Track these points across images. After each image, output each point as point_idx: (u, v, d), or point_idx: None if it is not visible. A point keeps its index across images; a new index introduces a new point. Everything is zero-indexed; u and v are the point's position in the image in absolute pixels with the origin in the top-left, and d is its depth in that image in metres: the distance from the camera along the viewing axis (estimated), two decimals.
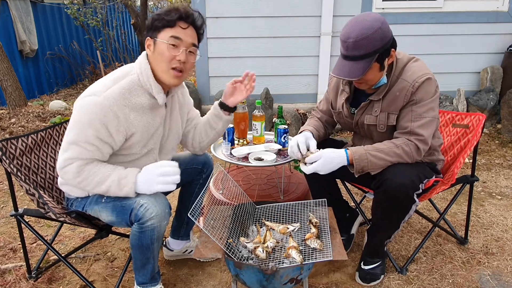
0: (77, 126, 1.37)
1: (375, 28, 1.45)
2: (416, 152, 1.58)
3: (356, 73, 1.50)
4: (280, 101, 4.16)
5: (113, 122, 1.38)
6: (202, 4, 3.91)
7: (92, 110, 1.35)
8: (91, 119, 1.35)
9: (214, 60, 4.18)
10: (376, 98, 1.63)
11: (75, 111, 1.38)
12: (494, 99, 4.07)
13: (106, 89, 1.38)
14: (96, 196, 1.53)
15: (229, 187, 2.22)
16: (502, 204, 2.58)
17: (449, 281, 1.83)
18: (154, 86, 1.46)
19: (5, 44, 5.13)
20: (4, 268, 1.92)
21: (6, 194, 2.76)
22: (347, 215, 2.06)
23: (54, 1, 6.55)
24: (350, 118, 1.78)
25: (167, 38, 1.41)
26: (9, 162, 1.55)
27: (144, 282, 1.59)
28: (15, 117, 4.39)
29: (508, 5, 4.03)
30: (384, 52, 1.50)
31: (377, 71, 1.55)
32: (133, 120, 1.43)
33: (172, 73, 1.45)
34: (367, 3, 4.00)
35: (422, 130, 1.57)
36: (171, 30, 1.41)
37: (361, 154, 1.58)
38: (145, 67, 1.45)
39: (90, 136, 1.37)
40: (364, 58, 1.48)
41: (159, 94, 1.48)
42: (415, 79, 1.54)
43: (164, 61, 1.43)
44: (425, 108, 1.57)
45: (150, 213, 1.40)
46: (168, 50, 1.41)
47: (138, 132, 1.47)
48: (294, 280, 1.43)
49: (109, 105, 1.36)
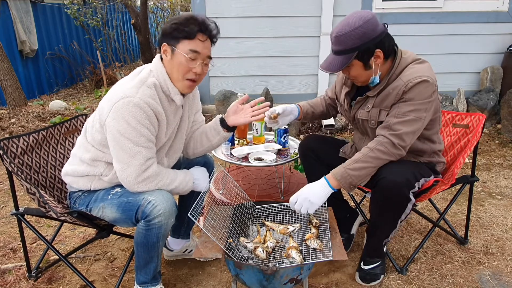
0: (129, 131, 1.38)
1: (355, 26, 1.48)
2: (393, 148, 1.55)
3: (334, 67, 1.56)
4: (280, 101, 4.14)
5: (153, 119, 1.44)
6: (202, 4, 3.90)
7: (137, 112, 1.38)
8: (139, 120, 1.39)
9: (214, 60, 4.16)
10: (372, 94, 1.65)
11: (115, 115, 1.38)
12: (494, 99, 4.07)
13: (137, 89, 1.41)
14: (103, 192, 1.54)
15: (229, 187, 2.22)
16: (502, 204, 2.58)
17: (449, 281, 1.83)
18: (172, 89, 1.50)
19: (5, 44, 5.13)
20: (4, 268, 1.92)
21: (6, 194, 2.76)
22: (347, 215, 2.06)
23: (54, 1, 6.55)
24: (349, 112, 1.80)
25: (186, 50, 1.44)
26: (10, 161, 1.55)
27: (145, 281, 1.59)
28: (15, 117, 4.39)
29: (508, 5, 4.03)
30: (364, 51, 1.52)
31: (361, 69, 1.57)
32: (162, 118, 1.48)
33: (186, 83, 1.50)
34: (367, 3, 4.00)
35: (399, 125, 1.54)
36: (190, 43, 1.44)
37: (342, 173, 1.56)
38: (162, 72, 1.49)
39: (147, 134, 1.42)
40: (342, 54, 1.54)
41: (177, 96, 1.52)
42: (410, 79, 1.54)
43: (181, 72, 1.48)
44: (412, 107, 1.54)
45: (158, 210, 1.40)
46: (187, 62, 1.46)
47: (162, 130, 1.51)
48: (294, 280, 1.43)
49: (147, 103, 1.40)
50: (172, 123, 1.57)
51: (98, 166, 1.54)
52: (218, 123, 1.74)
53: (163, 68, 1.50)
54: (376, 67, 1.57)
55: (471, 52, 4.20)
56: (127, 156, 1.40)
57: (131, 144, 1.39)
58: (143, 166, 1.42)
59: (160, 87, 1.49)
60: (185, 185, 1.59)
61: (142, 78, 1.47)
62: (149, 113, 1.41)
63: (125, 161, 1.41)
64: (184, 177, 1.59)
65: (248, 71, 4.24)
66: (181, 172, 1.61)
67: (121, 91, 1.41)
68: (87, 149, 1.55)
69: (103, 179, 1.55)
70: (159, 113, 1.46)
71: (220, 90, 4.06)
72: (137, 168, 1.41)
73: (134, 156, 1.40)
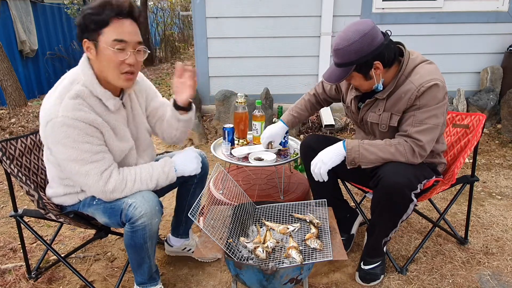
0: (69, 153, 1.31)
1: (351, 41, 1.48)
2: (411, 154, 1.57)
3: (333, 78, 1.60)
4: (280, 101, 4.15)
5: (90, 130, 1.33)
6: (202, 4, 3.90)
7: (66, 131, 1.28)
8: (74, 138, 1.30)
9: (214, 60, 4.18)
10: (381, 97, 1.64)
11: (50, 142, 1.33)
12: (494, 99, 4.07)
13: (58, 106, 1.29)
14: (89, 199, 1.51)
15: (229, 187, 2.22)
16: (502, 204, 2.58)
17: (449, 281, 1.83)
18: (102, 93, 1.38)
19: (5, 44, 5.12)
20: (4, 268, 1.92)
21: (6, 194, 2.76)
22: (347, 215, 2.06)
23: (54, 1, 6.54)
24: (356, 114, 1.80)
25: (110, 42, 1.29)
26: (9, 162, 1.55)
27: (143, 282, 1.59)
28: (15, 117, 4.39)
29: (508, 5, 4.03)
30: (362, 65, 1.52)
31: (362, 79, 1.59)
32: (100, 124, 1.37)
33: (124, 77, 1.37)
34: (367, 3, 4.00)
35: (420, 135, 1.56)
36: (111, 32, 1.29)
37: (354, 145, 1.62)
38: (89, 74, 1.36)
39: (90, 149, 1.33)
40: (341, 66, 1.56)
41: (109, 101, 1.40)
42: (422, 83, 1.53)
43: (113, 68, 1.33)
44: (428, 114, 1.56)
45: (140, 212, 1.38)
46: (115, 55, 1.31)
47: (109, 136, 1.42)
48: (294, 280, 1.43)
49: (74, 117, 1.29)
50: (119, 127, 1.46)
51: (73, 185, 1.49)
52: (173, 109, 1.64)
53: (91, 70, 1.36)
54: (378, 76, 1.57)
55: (471, 52, 4.20)
56: (81, 177, 1.36)
57: (78, 166, 1.33)
58: (101, 181, 1.36)
59: (89, 93, 1.35)
60: (166, 177, 1.50)
61: (62, 90, 1.33)
62: (80, 126, 1.29)
63: (83, 183, 1.38)
64: (162, 169, 1.49)
65: (248, 71, 4.24)
66: (158, 164, 1.51)
67: (44, 114, 1.31)
68: (53, 170, 1.51)
69: (87, 194, 1.51)
70: (93, 121, 1.33)
71: (220, 90, 4.06)
72: (95, 185, 1.36)
73: (87, 176, 1.35)
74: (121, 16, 1.30)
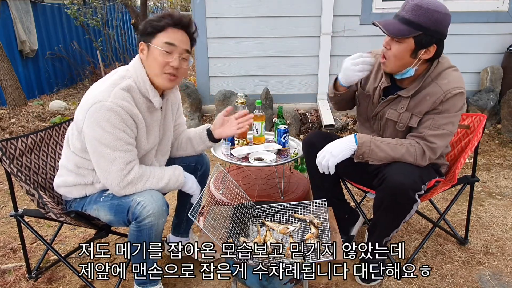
0: (105, 136, 1.36)
1: (438, 9, 1.45)
2: (420, 156, 1.57)
3: (391, 29, 1.48)
4: (280, 101, 4.16)
5: (129, 121, 1.41)
6: (202, 4, 3.90)
7: (110, 116, 1.36)
8: (114, 124, 1.36)
9: (214, 60, 4.18)
10: (405, 95, 1.61)
11: (89, 122, 1.37)
12: (494, 99, 4.07)
13: (109, 93, 1.38)
14: (96, 195, 1.53)
15: (229, 187, 2.22)
16: (502, 204, 2.58)
17: (449, 281, 1.83)
18: (150, 90, 1.47)
19: (5, 44, 5.13)
20: (4, 268, 1.92)
21: (6, 194, 2.76)
22: (348, 216, 2.05)
23: (54, 1, 6.54)
24: (374, 106, 1.75)
25: (161, 44, 1.42)
26: (9, 162, 1.55)
27: (143, 282, 1.60)
28: (15, 117, 4.39)
29: (508, 5, 4.03)
30: (426, 36, 1.47)
31: (408, 52, 1.51)
32: (139, 120, 1.46)
33: (166, 77, 1.47)
34: (367, 3, 4.00)
35: (435, 139, 1.56)
36: (164, 36, 1.42)
37: (366, 140, 1.59)
38: (140, 72, 1.46)
39: (124, 138, 1.39)
40: (407, 24, 1.46)
41: (155, 98, 1.49)
42: (449, 90, 1.53)
43: (158, 66, 1.44)
44: (446, 120, 1.56)
45: (147, 211, 1.40)
46: (162, 56, 1.42)
47: (141, 133, 1.49)
48: (294, 280, 1.43)
49: (121, 106, 1.37)
50: (152, 126, 1.55)
51: (86, 175, 1.53)
52: (205, 134, 1.77)
53: (142, 69, 1.47)
54: (418, 61, 1.54)
55: (471, 52, 4.20)
56: (106, 162, 1.39)
57: (108, 150, 1.38)
58: (124, 171, 1.41)
59: (137, 89, 1.46)
60: (176, 179, 1.57)
61: (114, 81, 1.43)
62: (123, 115, 1.38)
63: (105, 168, 1.40)
64: (173, 172, 1.57)
65: (248, 71, 4.24)
66: (169, 167, 1.59)
67: (93, 96, 1.39)
68: (72, 158, 1.54)
69: (96, 186, 1.54)
70: (135, 115, 1.43)
71: (220, 90, 4.06)
72: (118, 173, 1.40)
73: (113, 162, 1.39)
74: (177, 26, 1.44)
